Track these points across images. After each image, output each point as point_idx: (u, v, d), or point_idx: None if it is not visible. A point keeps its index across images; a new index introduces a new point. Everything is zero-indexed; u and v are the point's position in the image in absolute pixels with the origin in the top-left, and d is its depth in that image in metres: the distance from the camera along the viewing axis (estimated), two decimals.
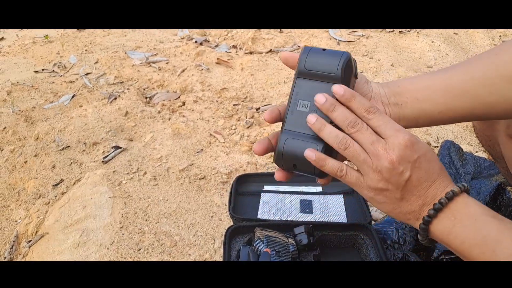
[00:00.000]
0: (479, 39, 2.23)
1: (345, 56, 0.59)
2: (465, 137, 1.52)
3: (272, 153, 0.64)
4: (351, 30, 2.43)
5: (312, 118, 0.58)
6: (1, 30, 2.77)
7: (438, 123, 0.67)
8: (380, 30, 2.42)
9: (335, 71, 0.59)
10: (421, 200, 0.56)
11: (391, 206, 0.58)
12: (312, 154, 0.58)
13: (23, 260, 1.19)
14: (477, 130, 0.93)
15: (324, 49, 0.61)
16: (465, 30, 2.30)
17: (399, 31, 2.36)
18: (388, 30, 2.39)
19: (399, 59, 2.08)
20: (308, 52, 0.61)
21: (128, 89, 1.94)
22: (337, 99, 0.58)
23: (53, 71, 2.18)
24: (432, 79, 0.64)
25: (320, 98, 0.58)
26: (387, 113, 0.65)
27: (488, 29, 2.31)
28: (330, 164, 0.58)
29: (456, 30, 2.30)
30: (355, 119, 0.57)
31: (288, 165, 0.61)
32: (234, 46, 2.36)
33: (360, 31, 2.41)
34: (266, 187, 1.16)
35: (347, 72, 0.59)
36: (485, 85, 0.61)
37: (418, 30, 2.34)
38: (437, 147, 1.44)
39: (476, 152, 1.42)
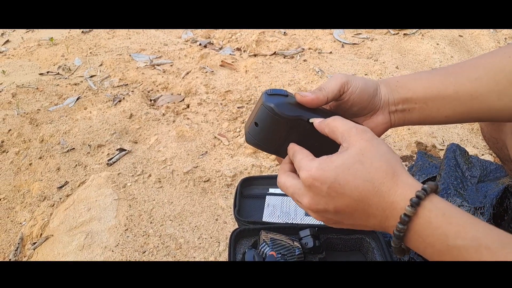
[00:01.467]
0: (484, 42, 2.22)
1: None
2: (471, 140, 1.51)
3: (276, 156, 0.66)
4: (355, 32, 2.43)
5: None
6: (7, 33, 2.78)
7: (442, 124, 0.67)
8: (384, 32, 2.41)
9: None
10: (372, 220, 0.51)
11: (357, 228, 0.55)
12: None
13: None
14: (485, 132, 0.92)
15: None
16: (470, 32, 2.29)
17: (404, 34, 2.35)
18: (392, 32, 2.39)
19: (404, 61, 2.07)
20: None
21: (132, 91, 1.94)
22: None
23: (58, 73, 2.18)
24: (443, 83, 0.63)
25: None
26: (391, 120, 0.66)
27: (493, 32, 2.30)
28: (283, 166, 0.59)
29: (461, 33, 2.30)
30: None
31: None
32: (238, 49, 2.36)
33: (364, 34, 2.41)
34: (271, 190, 1.16)
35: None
36: (494, 91, 0.60)
37: (423, 32, 2.33)
38: (443, 150, 1.44)
39: (482, 155, 1.41)
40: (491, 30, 2.31)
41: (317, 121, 0.58)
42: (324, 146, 0.59)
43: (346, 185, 0.49)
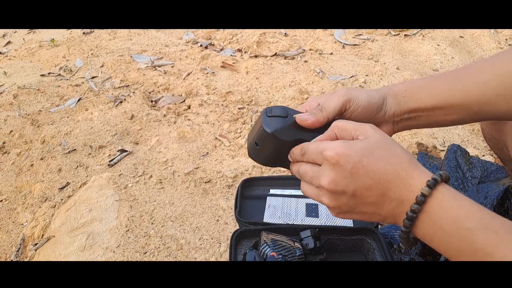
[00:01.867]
0: (485, 42, 2.22)
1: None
2: (471, 141, 1.51)
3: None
4: (356, 33, 2.43)
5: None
6: (8, 34, 2.79)
7: (446, 126, 0.67)
8: (385, 33, 2.42)
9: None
10: (386, 206, 0.52)
11: (366, 219, 0.55)
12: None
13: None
14: (485, 133, 0.92)
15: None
16: (471, 33, 2.29)
17: (405, 34, 2.36)
18: (393, 33, 2.39)
19: (404, 62, 2.07)
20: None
21: (133, 92, 1.95)
22: None
23: (59, 74, 2.19)
24: (450, 91, 0.63)
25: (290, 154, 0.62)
26: (394, 129, 0.66)
27: (494, 33, 2.30)
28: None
29: (462, 34, 2.30)
30: (297, 169, 0.59)
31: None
32: (239, 50, 2.36)
33: (365, 35, 2.41)
34: (272, 191, 1.16)
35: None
36: (501, 95, 0.61)
37: (423, 33, 2.33)
38: (443, 151, 1.44)
39: (483, 156, 1.41)
40: (492, 31, 2.31)
41: (321, 137, 0.59)
42: None
43: (369, 167, 0.51)
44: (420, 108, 0.64)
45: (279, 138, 0.59)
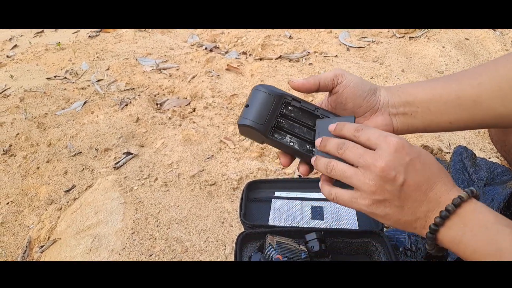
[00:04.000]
0: (491, 44, 2.21)
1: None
2: (477, 143, 1.51)
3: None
4: (361, 36, 2.43)
5: (312, 159, 0.64)
6: (15, 38, 2.81)
7: (447, 131, 0.67)
8: (390, 35, 2.41)
9: None
10: (424, 206, 0.54)
11: (394, 217, 0.56)
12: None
13: None
14: (492, 135, 0.92)
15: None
16: (477, 35, 2.28)
17: (410, 37, 2.35)
18: (398, 35, 2.39)
19: (409, 64, 2.07)
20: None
21: (139, 95, 1.95)
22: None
23: (65, 78, 2.20)
24: (445, 88, 0.64)
25: (317, 142, 0.64)
26: (393, 124, 0.66)
27: (500, 35, 2.30)
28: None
29: (467, 36, 2.29)
30: (341, 142, 0.60)
31: None
32: (244, 53, 2.37)
33: (370, 37, 2.41)
34: (277, 193, 1.16)
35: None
36: (497, 97, 0.61)
37: (428, 36, 2.33)
38: (449, 153, 1.43)
39: (489, 158, 1.40)
40: (497, 33, 2.31)
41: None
42: (310, 130, 0.66)
43: (425, 164, 0.55)
44: (414, 102, 0.64)
45: (266, 91, 0.65)
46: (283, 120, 0.66)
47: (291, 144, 0.66)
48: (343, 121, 0.63)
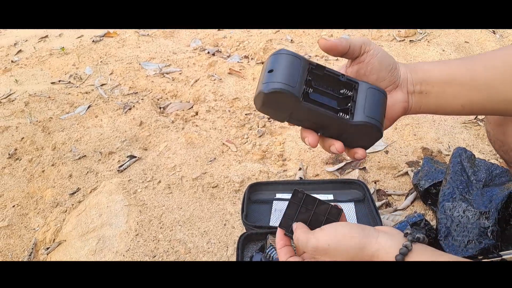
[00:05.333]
0: (490, 47, 2.23)
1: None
2: (477, 145, 1.52)
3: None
4: None
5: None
6: (19, 43, 2.84)
7: (456, 114, 0.67)
8: (391, 39, 2.43)
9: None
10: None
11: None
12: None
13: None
14: (491, 135, 0.93)
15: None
16: (476, 38, 2.30)
17: (410, 40, 2.37)
18: (398, 39, 2.40)
19: None
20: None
21: (142, 99, 1.98)
22: None
23: (69, 82, 2.23)
24: (460, 69, 0.64)
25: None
26: (408, 102, 0.65)
27: (499, 38, 2.31)
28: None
29: (467, 38, 2.31)
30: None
31: None
32: (246, 56, 2.39)
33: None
34: (278, 195, 1.18)
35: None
36: (510, 81, 0.61)
37: (428, 39, 2.34)
38: (449, 155, 1.45)
39: (488, 160, 1.42)
40: (497, 35, 2.32)
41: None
42: (337, 97, 0.59)
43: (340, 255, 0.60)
44: (430, 80, 0.64)
45: (291, 53, 0.57)
46: (310, 88, 0.58)
47: (324, 110, 0.57)
48: (375, 88, 0.60)
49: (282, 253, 0.67)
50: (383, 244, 0.57)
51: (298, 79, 0.56)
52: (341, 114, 0.58)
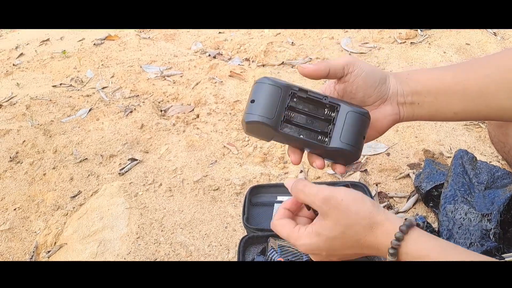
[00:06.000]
0: (492, 49, 2.23)
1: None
2: (478, 147, 1.52)
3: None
4: (362, 41, 2.45)
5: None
6: (21, 46, 2.85)
7: (451, 121, 0.68)
8: (392, 41, 2.43)
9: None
10: (365, 252, 0.60)
11: (347, 257, 0.62)
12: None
13: None
14: (492, 136, 0.93)
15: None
16: (477, 40, 2.30)
17: (411, 42, 2.37)
18: (399, 41, 2.40)
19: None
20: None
21: (143, 102, 1.98)
22: None
23: (71, 85, 2.23)
24: (453, 78, 0.63)
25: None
26: (400, 113, 0.66)
27: (501, 39, 2.31)
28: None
29: (468, 40, 2.31)
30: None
31: None
32: (247, 59, 2.39)
33: (371, 43, 2.43)
34: (279, 198, 1.18)
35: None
36: (503, 89, 0.61)
37: (429, 41, 2.34)
38: (450, 157, 1.45)
39: (490, 162, 1.41)
40: (498, 37, 2.32)
41: (289, 182, 0.64)
42: (320, 120, 0.63)
43: (339, 249, 0.59)
44: (422, 91, 0.64)
45: (271, 82, 0.61)
46: (291, 113, 0.62)
47: (302, 136, 0.62)
48: (355, 111, 0.61)
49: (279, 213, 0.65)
50: (389, 216, 0.57)
51: (276, 109, 0.60)
52: (320, 137, 0.62)
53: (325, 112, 0.63)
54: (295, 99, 0.62)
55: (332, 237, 0.57)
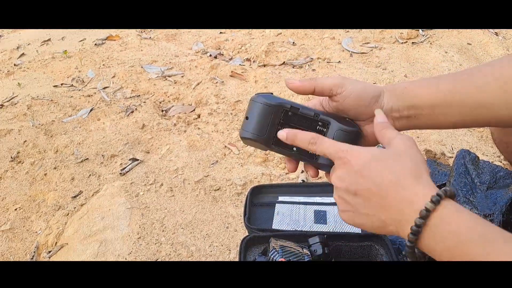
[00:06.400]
0: (493, 49, 2.22)
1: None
2: (480, 148, 1.51)
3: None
4: (363, 41, 2.45)
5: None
6: (22, 46, 2.85)
7: (449, 129, 0.67)
8: (393, 41, 2.43)
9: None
10: (387, 212, 0.53)
11: (368, 220, 0.55)
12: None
13: None
14: (495, 136, 0.93)
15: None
16: (479, 40, 2.29)
17: (412, 42, 2.37)
18: (401, 41, 2.40)
19: (412, 70, 2.08)
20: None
21: (144, 102, 1.98)
22: None
23: (72, 85, 2.23)
24: (450, 91, 0.63)
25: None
26: (395, 126, 0.65)
27: (502, 39, 2.31)
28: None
29: (470, 40, 2.30)
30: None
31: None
32: (248, 59, 2.39)
33: (373, 43, 2.42)
34: (281, 198, 1.17)
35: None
36: (501, 99, 0.60)
37: (431, 41, 2.34)
38: (452, 157, 1.44)
39: (492, 162, 1.41)
40: (500, 37, 2.32)
41: (378, 120, 0.61)
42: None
43: (374, 171, 0.53)
44: (420, 105, 0.63)
45: (264, 102, 0.64)
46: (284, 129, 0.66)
47: (294, 150, 0.66)
48: (344, 129, 0.63)
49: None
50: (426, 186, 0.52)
51: (267, 127, 0.65)
52: (310, 152, 0.64)
53: (317, 128, 0.66)
54: (288, 116, 0.65)
55: (382, 157, 0.54)
